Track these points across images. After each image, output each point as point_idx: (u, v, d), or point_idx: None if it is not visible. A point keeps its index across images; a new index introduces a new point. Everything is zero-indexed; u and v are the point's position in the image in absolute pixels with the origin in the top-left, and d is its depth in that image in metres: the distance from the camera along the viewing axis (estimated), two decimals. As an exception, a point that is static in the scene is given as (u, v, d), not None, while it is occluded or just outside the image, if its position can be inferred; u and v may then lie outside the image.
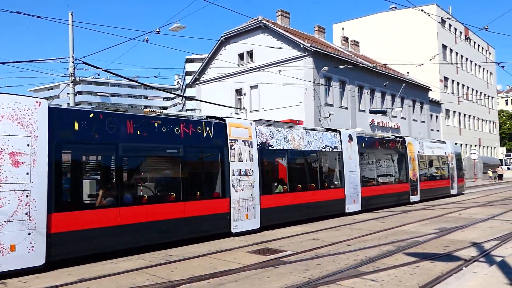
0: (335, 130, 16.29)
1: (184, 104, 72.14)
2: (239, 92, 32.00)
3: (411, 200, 20.22)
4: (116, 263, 8.60)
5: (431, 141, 24.13)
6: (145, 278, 7.38)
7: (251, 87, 30.75)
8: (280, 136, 13.43)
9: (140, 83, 31.50)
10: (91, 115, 8.95)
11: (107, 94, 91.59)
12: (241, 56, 32.16)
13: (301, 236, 11.60)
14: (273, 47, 23.85)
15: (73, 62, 19.23)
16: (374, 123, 33.70)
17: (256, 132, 12.59)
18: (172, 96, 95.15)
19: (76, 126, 8.62)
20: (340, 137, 15.96)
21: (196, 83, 35.94)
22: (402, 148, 20.03)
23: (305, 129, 14.76)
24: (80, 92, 79.89)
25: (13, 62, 26.62)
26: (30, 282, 7.25)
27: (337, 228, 12.93)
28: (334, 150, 15.56)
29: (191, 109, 41.68)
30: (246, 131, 12.20)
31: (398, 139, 20.15)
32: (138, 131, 9.67)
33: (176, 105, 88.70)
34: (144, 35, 15.91)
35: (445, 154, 24.34)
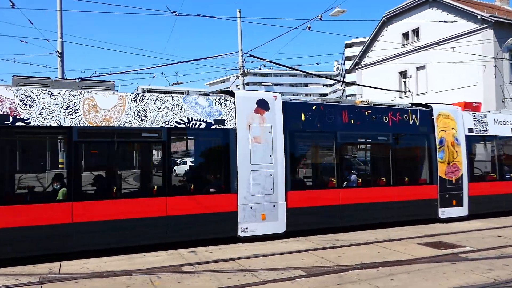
0: (229, 93, 9.85)
1: (344, 89, 71.44)
2: (403, 74, 30.05)
3: (443, 216, 11.53)
4: (286, 243, 9.13)
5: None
6: (314, 259, 7.63)
7: (417, 68, 28.50)
8: (54, 104, 7.82)
9: (300, 70, 32.34)
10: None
11: (270, 84, 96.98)
12: (405, 35, 30.03)
13: (482, 232, 10.35)
14: (445, 22, 21.54)
15: (241, 56, 20.97)
16: None
17: None
18: (332, 82, 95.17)
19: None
20: (235, 105, 9.37)
21: (356, 67, 35.09)
22: (422, 124, 11.65)
23: (146, 91, 8.89)
24: (247, 84, 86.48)
25: (193, 60, 30.18)
26: (215, 253, 8.26)
27: (528, 226, 11.11)
28: (213, 127, 9.09)
29: (352, 95, 40.97)
30: None
31: (412, 108, 11.85)
32: None
33: (336, 91, 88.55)
34: (306, 23, 16.26)
35: None
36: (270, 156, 9.49)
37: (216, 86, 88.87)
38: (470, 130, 12.49)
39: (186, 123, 8.86)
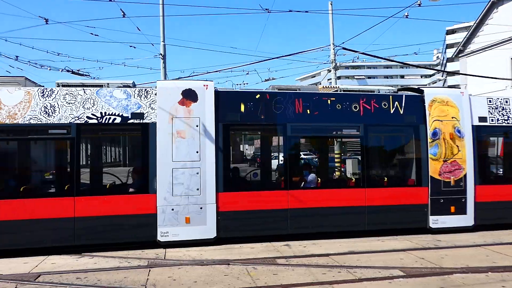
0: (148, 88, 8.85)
1: (445, 80, 66.34)
2: (517, 60, 27.00)
3: (435, 225, 9.42)
4: (383, 241, 8.84)
5: None
6: (413, 260, 7.28)
7: (535, 53, 25.40)
8: None
9: (396, 61, 30.79)
10: None
11: (363, 77, 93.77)
12: (520, 16, 26.92)
13: None
14: None
15: (333, 49, 20.59)
16: None
17: None
18: (431, 72, 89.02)
19: None
20: (156, 96, 8.48)
21: (460, 55, 32.31)
22: (408, 113, 9.55)
23: (61, 85, 8.51)
24: (339, 77, 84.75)
25: (284, 55, 30.42)
26: (309, 248, 8.28)
27: None
28: (130, 121, 8.34)
29: (455, 85, 37.98)
30: None
31: (395, 94, 9.93)
32: None
33: (435, 82, 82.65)
34: (403, 10, 15.48)
35: None
36: (197, 152, 8.45)
37: (307, 81, 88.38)
38: (482, 119, 9.94)
39: (99, 118, 8.22)
